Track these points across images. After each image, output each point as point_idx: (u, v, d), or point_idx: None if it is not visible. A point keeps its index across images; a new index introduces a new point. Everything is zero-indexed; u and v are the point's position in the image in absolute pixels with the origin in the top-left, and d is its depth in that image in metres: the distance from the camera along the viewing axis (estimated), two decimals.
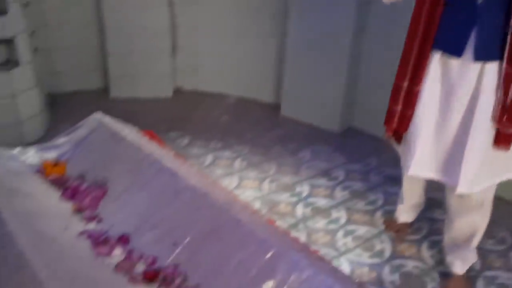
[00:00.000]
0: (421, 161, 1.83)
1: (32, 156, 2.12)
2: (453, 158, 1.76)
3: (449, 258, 2.03)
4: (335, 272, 1.46)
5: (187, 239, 1.55)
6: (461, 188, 1.74)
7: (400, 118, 1.85)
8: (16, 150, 2.13)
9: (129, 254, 1.57)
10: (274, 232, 1.56)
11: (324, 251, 2.17)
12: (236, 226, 1.52)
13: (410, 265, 2.14)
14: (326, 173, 2.89)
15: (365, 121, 3.41)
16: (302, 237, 2.27)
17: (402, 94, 1.82)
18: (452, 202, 1.90)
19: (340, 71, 3.30)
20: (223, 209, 1.60)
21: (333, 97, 3.38)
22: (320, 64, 3.38)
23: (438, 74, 1.74)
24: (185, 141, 3.25)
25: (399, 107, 1.84)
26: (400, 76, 1.83)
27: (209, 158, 3.03)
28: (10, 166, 1.98)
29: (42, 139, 2.80)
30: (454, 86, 1.71)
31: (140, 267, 1.52)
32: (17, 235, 1.40)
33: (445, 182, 1.85)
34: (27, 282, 1.26)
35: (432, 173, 1.85)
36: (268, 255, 1.38)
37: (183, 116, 3.65)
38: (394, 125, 1.88)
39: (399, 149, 1.98)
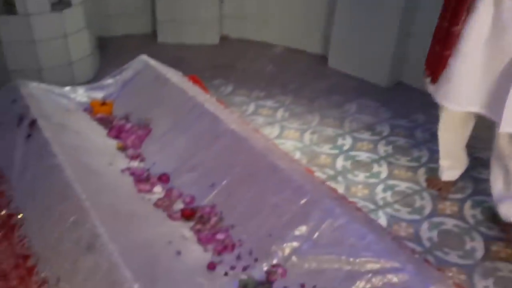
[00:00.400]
0: (464, 96, 1.82)
1: (81, 95, 2.20)
2: (499, 96, 1.73)
3: (505, 208, 1.97)
4: (370, 222, 1.45)
5: (225, 181, 1.58)
6: (505, 127, 1.71)
7: (438, 58, 1.85)
8: (67, 89, 2.21)
9: (168, 192, 1.63)
10: (310, 180, 1.56)
11: (361, 204, 2.16)
12: (273, 172, 1.53)
13: (450, 223, 2.09)
14: (370, 128, 2.83)
15: (415, 77, 3.26)
16: (340, 189, 2.25)
17: (442, 34, 1.82)
18: (503, 145, 1.86)
19: (392, 23, 3.14)
20: (262, 155, 1.61)
21: (383, 50, 3.24)
22: (371, 16, 3.23)
23: (489, 14, 1.68)
24: (229, 89, 3.25)
25: (438, 48, 1.85)
26: (442, 16, 1.82)
27: (251, 107, 3.03)
28: (61, 102, 2.06)
29: (91, 82, 2.88)
30: (505, 27, 1.65)
31: (178, 205, 1.58)
32: (65, 167, 1.48)
33: (490, 117, 1.81)
34: (71, 212, 1.33)
35: (476, 107, 1.83)
36: (303, 201, 1.40)
37: (228, 64, 3.63)
38: (433, 66, 1.88)
39: (432, 89, 1.94)
